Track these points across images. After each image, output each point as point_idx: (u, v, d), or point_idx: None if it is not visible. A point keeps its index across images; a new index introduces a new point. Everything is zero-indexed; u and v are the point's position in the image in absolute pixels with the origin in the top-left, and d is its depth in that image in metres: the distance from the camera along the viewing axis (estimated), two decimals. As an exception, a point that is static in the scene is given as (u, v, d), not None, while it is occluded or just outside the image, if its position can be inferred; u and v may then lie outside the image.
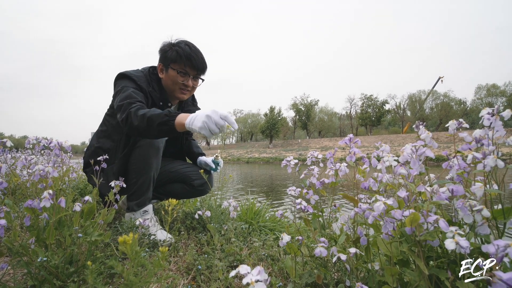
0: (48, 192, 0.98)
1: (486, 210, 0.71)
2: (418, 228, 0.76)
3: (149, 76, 1.73)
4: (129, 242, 0.66)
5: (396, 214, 0.79)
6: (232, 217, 1.57)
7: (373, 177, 1.02)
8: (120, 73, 1.70)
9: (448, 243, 0.63)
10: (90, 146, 1.82)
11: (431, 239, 0.73)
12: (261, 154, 49.48)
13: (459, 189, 0.77)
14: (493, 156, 0.74)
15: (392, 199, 0.87)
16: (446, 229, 0.68)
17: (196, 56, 1.68)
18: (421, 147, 0.86)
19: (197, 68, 1.71)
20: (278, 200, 8.32)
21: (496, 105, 0.79)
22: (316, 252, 0.92)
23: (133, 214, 1.64)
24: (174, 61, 1.67)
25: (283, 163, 1.29)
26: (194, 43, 1.74)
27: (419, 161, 0.86)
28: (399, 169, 0.90)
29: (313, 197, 1.20)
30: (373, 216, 0.86)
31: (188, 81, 1.72)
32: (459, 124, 0.86)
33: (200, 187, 1.98)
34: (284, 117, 63.70)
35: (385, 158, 0.93)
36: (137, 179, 1.64)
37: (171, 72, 1.69)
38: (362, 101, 59.19)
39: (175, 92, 1.75)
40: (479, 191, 0.73)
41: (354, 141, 1.09)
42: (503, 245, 0.58)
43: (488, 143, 0.79)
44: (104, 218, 1.23)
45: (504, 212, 0.75)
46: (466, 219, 0.74)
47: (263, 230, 2.17)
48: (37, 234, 0.98)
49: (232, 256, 1.39)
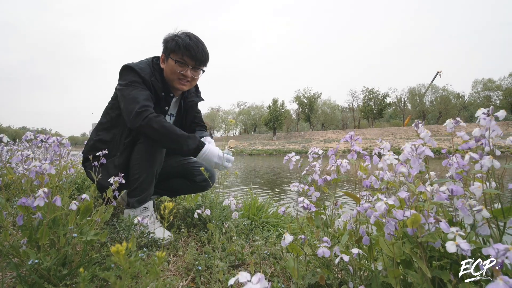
0: (43, 191, 0.95)
1: (486, 211, 0.71)
2: (419, 229, 0.75)
3: (152, 66, 1.73)
4: (122, 252, 0.62)
5: (398, 215, 0.78)
6: (234, 217, 1.54)
7: (374, 175, 1.01)
8: (125, 65, 1.69)
9: (449, 246, 0.63)
10: (89, 140, 1.80)
11: (432, 240, 0.73)
12: (265, 146, 49.52)
13: (458, 189, 0.77)
14: (489, 157, 0.74)
15: (393, 197, 0.86)
16: (447, 230, 0.68)
17: (196, 47, 1.66)
18: (420, 146, 0.86)
19: (195, 58, 1.68)
20: (282, 193, 8.31)
21: (491, 106, 0.80)
22: (318, 253, 0.91)
23: (133, 211, 1.62)
24: (173, 51, 1.66)
25: (285, 159, 1.28)
26: (197, 35, 1.72)
27: (419, 159, 0.86)
28: (400, 168, 0.90)
29: (315, 194, 1.18)
30: (375, 216, 0.85)
31: (187, 71, 1.69)
32: (456, 123, 0.86)
33: (202, 183, 1.95)
34: (287, 110, 63.77)
35: (386, 157, 0.92)
36: (139, 174, 1.61)
37: (170, 62, 1.68)
38: (364, 94, 59.62)
39: (174, 82, 1.73)
40: (477, 191, 0.74)
41: (355, 139, 1.06)
42: (503, 249, 0.57)
43: (486, 143, 0.79)
44: (101, 216, 1.21)
45: (503, 212, 0.74)
46: (467, 220, 0.75)
47: (266, 226, 2.14)
48: (29, 234, 0.96)
49: (234, 255, 1.37)
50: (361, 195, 1.12)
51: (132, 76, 1.64)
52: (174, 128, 1.54)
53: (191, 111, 1.98)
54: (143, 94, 1.59)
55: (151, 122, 1.49)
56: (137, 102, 1.53)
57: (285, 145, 46.66)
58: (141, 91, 1.59)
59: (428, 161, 0.93)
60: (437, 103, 54.59)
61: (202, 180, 1.93)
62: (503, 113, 0.76)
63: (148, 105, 1.54)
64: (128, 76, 1.65)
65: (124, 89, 1.61)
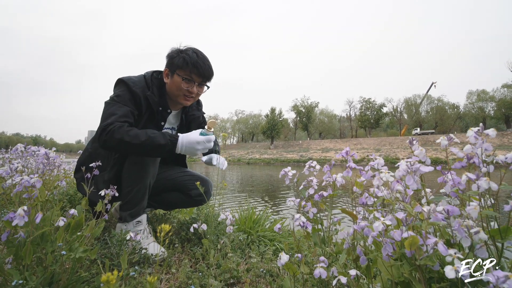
0: (23, 209, 0.92)
1: (483, 233, 0.70)
2: (417, 251, 0.73)
3: (151, 80, 1.70)
4: (113, 282, 0.59)
5: (395, 235, 0.76)
6: (229, 232, 1.49)
7: (369, 194, 1.00)
8: (118, 78, 1.67)
9: (448, 271, 0.63)
10: (85, 150, 1.77)
11: (431, 264, 0.71)
12: (262, 155, 49.46)
13: (454, 209, 0.76)
14: (486, 178, 0.73)
15: (390, 216, 0.85)
16: (445, 253, 0.67)
17: (203, 64, 1.66)
18: (416, 163, 0.85)
19: (203, 76, 1.68)
20: (280, 203, 8.26)
21: (481, 124, 0.81)
22: (315, 273, 0.90)
23: (125, 225, 1.58)
24: (181, 67, 1.64)
25: (281, 174, 1.26)
26: (202, 51, 1.71)
27: (414, 176, 0.86)
28: (396, 186, 0.90)
29: (312, 210, 1.16)
30: (373, 236, 0.83)
31: (193, 88, 1.68)
32: (450, 139, 0.86)
33: (197, 197, 1.90)
34: (285, 118, 64.09)
35: (382, 175, 0.91)
36: (132, 187, 1.58)
37: (176, 78, 1.65)
38: (361, 104, 60.26)
39: (179, 98, 1.71)
40: (474, 212, 0.72)
41: (351, 154, 1.05)
42: (503, 276, 0.58)
43: (478, 162, 0.80)
44: (92, 232, 1.17)
45: (500, 232, 0.73)
46: (464, 243, 0.73)
47: (262, 240, 2.09)
48: (15, 252, 0.92)
49: (229, 273, 1.32)
50: (358, 212, 1.10)
51: (120, 91, 1.61)
52: (139, 133, 1.44)
53: (194, 124, 1.96)
54: (120, 110, 1.53)
55: (113, 134, 1.42)
56: (107, 119, 1.48)
57: (283, 154, 46.63)
58: (119, 108, 1.54)
59: (424, 178, 0.92)
60: (433, 113, 55.58)
61: (197, 195, 1.88)
62: (493, 132, 0.77)
63: (117, 121, 1.47)
64: (116, 91, 1.62)
65: (105, 106, 1.58)
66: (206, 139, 1.52)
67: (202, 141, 1.51)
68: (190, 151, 1.51)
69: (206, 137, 1.52)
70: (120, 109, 1.53)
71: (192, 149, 1.50)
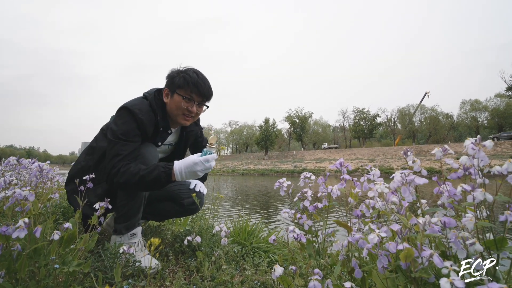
0: (24, 221, 0.91)
1: (479, 244, 0.70)
2: (413, 263, 0.73)
3: (155, 101, 1.69)
4: None
5: (390, 247, 0.77)
6: (224, 244, 1.47)
7: (365, 205, 1.01)
8: (123, 106, 1.64)
9: (444, 284, 0.62)
10: (77, 163, 1.75)
11: (426, 276, 0.71)
12: (256, 165, 49.33)
13: (451, 221, 0.76)
14: (481, 190, 0.74)
15: (385, 228, 0.85)
16: (441, 265, 0.67)
17: (203, 83, 1.68)
18: (410, 174, 0.86)
19: (203, 95, 1.70)
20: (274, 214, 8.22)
21: (479, 136, 0.81)
22: (310, 286, 0.89)
23: (120, 237, 1.56)
24: (181, 86, 1.66)
25: (276, 185, 1.26)
26: (201, 71, 1.74)
27: (409, 188, 0.87)
28: (391, 197, 0.90)
29: (307, 222, 1.16)
30: (368, 249, 0.84)
31: (193, 107, 1.69)
32: (445, 151, 0.87)
33: (190, 206, 1.89)
34: (279, 129, 64.20)
35: (376, 186, 0.92)
36: (127, 200, 1.57)
37: (177, 98, 1.66)
38: (355, 114, 60.37)
39: (178, 117, 1.71)
40: (470, 224, 0.73)
41: (345, 166, 1.06)
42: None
43: (474, 173, 0.80)
44: (86, 245, 1.16)
45: (496, 243, 0.74)
46: (460, 254, 0.74)
47: (257, 251, 2.08)
48: (8, 266, 0.91)
49: (223, 285, 1.32)
50: (353, 223, 1.11)
51: (123, 122, 1.59)
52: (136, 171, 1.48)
53: (192, 140, 1.98)
54: (124, 149, 1.55)
55: (119, 178, 1.48)
56: (112, 160, 1.52)
57: (277, 165, 46.58)
58: (123, 146, 1.55)
59: (419, 190, 0.93)
60: (427, 123, 55.66)
61: (190, 204, 1.87)
62: (490, 143, 0.77)
63: (122, 161, 1.52)
64: (119, 121, 1.60)
65: (108, 144, 1.58)
66: (204, 159, 1.51)
67: (200, 162, 1.51)
68: (191, 175, 1.52)
69: (204, 157, 1.52)
70: (124, 148, 1.54)
71: (192, 172, 1.51)
